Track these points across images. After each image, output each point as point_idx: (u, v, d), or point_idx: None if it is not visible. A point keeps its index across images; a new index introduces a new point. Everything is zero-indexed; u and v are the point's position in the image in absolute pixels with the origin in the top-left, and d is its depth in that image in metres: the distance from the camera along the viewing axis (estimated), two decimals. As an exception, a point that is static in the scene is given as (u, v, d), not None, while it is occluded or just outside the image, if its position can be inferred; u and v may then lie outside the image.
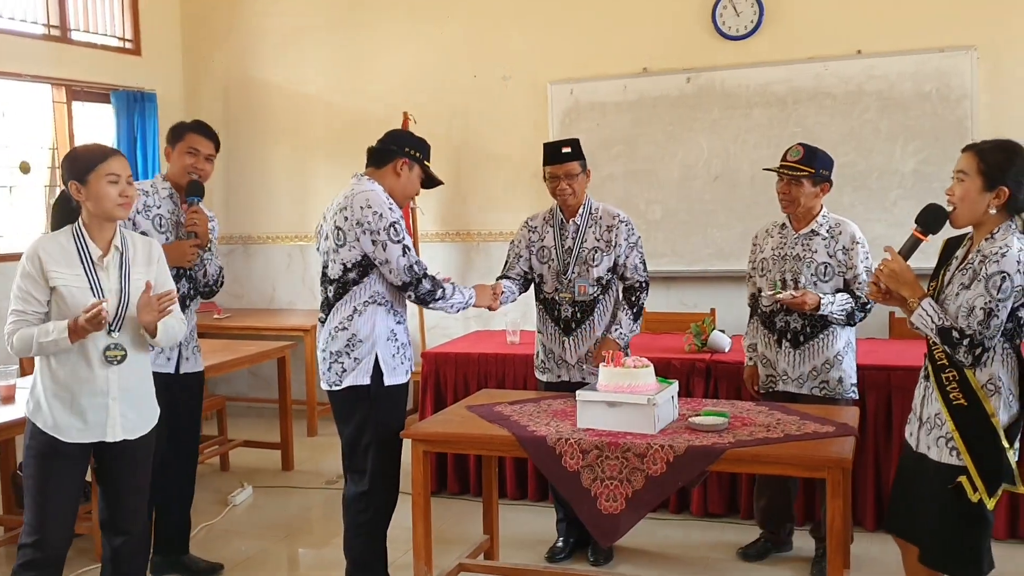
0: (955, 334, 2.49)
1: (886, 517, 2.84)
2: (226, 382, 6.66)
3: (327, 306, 3.35)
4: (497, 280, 3.84)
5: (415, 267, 3.24)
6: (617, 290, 3.82)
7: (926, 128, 5.14)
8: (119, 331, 2.86)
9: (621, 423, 3.07)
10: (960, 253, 2.65)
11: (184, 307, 3.69)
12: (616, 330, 3.72)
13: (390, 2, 6.28)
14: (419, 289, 3.28)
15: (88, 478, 4.12)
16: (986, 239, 2.55)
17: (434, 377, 4.73)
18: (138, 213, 3.56)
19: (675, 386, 3.27)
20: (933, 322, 2.52)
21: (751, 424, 3.12)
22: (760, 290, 3.70)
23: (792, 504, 3.87)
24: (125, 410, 2.92)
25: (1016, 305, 2.49)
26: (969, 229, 2.64)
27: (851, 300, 3.54)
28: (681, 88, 5.63)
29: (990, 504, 2.51)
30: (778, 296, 3.52)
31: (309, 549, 4.34)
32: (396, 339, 3.32)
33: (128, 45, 6.47)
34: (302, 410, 6.08)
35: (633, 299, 3.76)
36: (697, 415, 3.17)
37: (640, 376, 3.11)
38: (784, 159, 3.60)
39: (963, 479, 2.51)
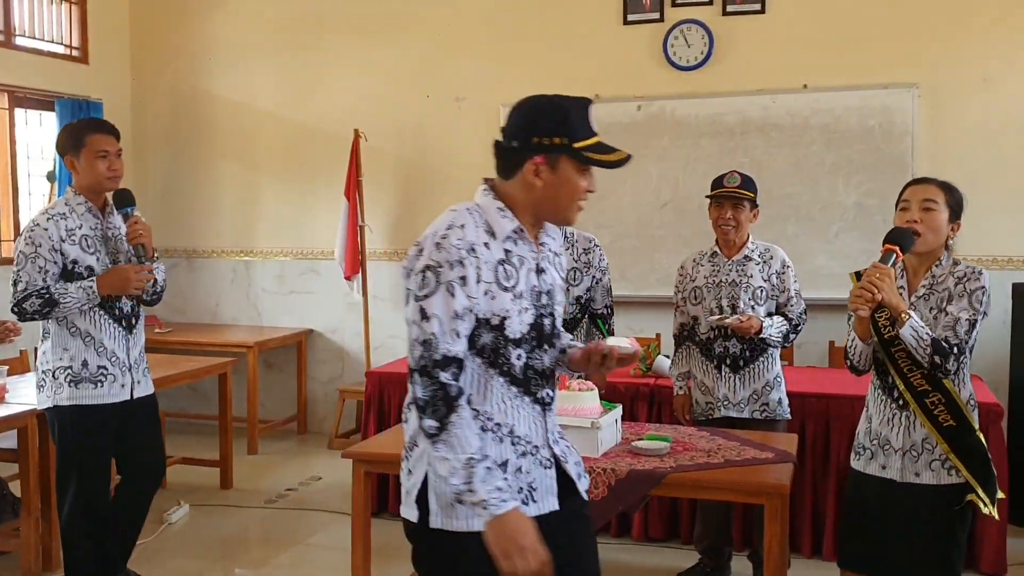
0: (945, 345, 2.59)
1: (844, 552, 2.85)
2: (166, 397, 6.48)
3: None
4: None
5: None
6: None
7: (869, 162, 5.26)
8: None
9: (564, 446, 3.06)
10: (903, 283, 2.75)
11: (131, 327, 3.47)
12: None
13: (343, 21, 6.27)
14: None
15: (17, 494, 4.03)
16: (936, 265, 2.72)
17: (377, 397, 4.69)
18: (63, 241, 3.28)
19: (619, 410, 3.29)
20: (927, 333, 2.58)
21: (692, 449, 3.14)
22: (695, 318, 3.75)
23: (731, 529, 3.90)
24: None
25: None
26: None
27: (785, 322, 3.65)
28: (632, 116, 5.70)
29: (995, 512, 2.65)
30: (726, 321, 3.57)
31: (246, 569, 4.25)
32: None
33: (75, 53, 6.36)
34: (243, 427, 5.98)
35: (606, 327, 3.90)
36: (640, 439, 3.19)
37: (584, 399, 3.12)
38: (723, 186, 3.66)
39: (972, 496, 2.63)
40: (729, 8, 5.53)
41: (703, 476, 2.90)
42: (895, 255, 2.62)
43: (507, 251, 2.00)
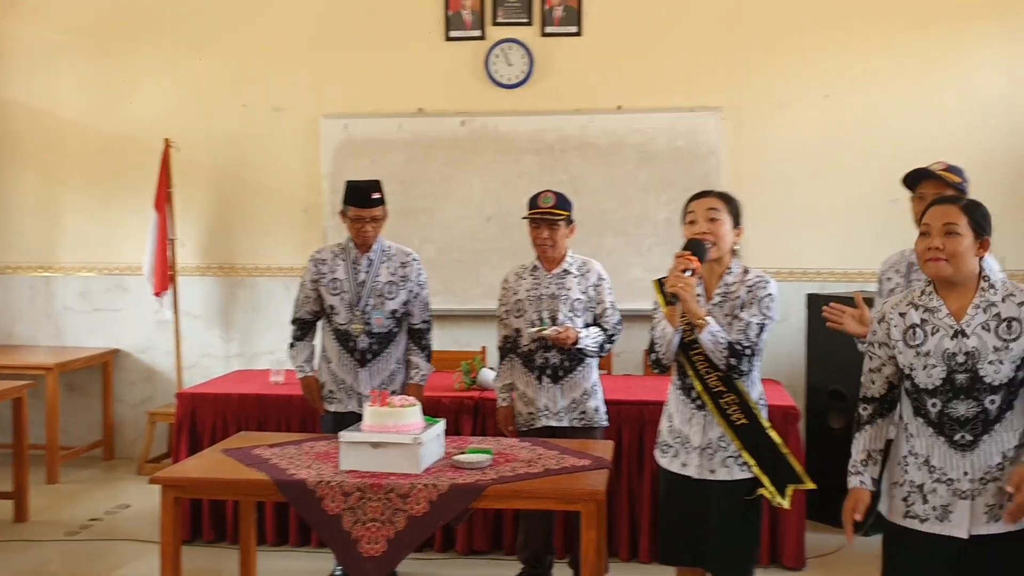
0: (739, 347, 2.78)
1: (665, 550, 2.97)
2: (-49, 426, 5.97)
3: None
4: (292, 322, 4.06)
5: None
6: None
7: (678, 180, 5.52)
8: None
9: (385, 463, 3.03)
10: (701, 290, 2.89)
11: None
12: (417, 374, 4.00)
13: (154, 25, 5.98)
14: None
15: None
16: (728, 272, 2.89)
17: (189, 419, 4.47)
18: None
19: (442, 424, 3.28)
20: (724, 337, 2.77)
21: (514, 460, 3.18)
22: (518, 331, 3.82)
23: (552, 537, 3.97)
24: None
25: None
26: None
27: (601, 332, 3.77)
28: (455, 131, 5.74)
29: (786, 504, 2.83)
30: (544, 333, 3.65)
31: (42, 610, 3.95)
32: None
33: None
34: (42, 455, 5.56)
35: (424, 342, 4.04)
36: (462, 453, 3.19)
37: (406, 415, 3.10)
38: (538, 206, 3.75)
39: (763, 490, 2.81)
40: (547, 30, 5.68)
41: (523, 486, 2.94)
42: (695, 265, 2.75)
43: None
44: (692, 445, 2.87)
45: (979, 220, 2.38)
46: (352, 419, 3.68)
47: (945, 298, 2.41)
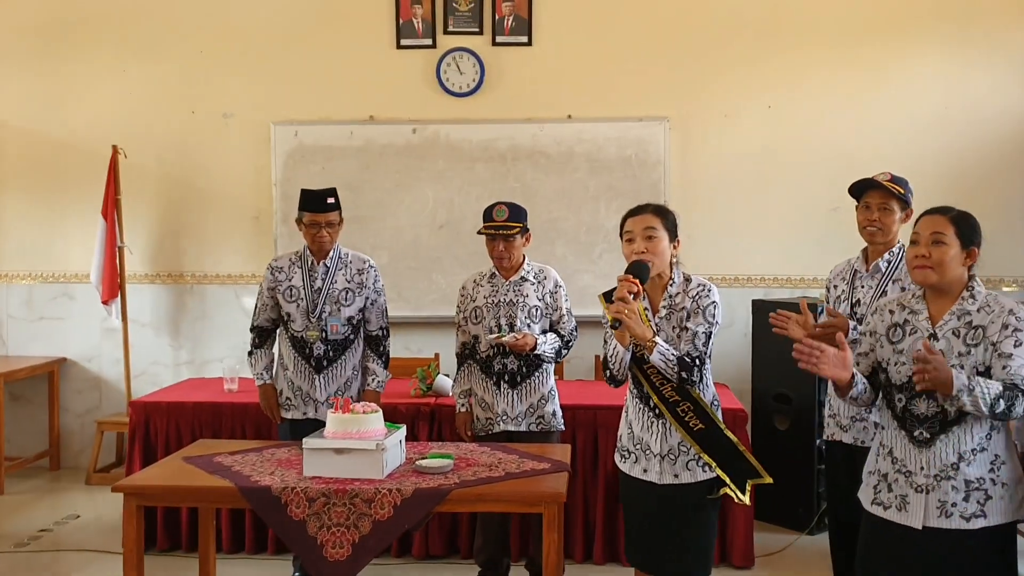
0: (688, 359, 2.86)
1: (634, 553, 3.05)
2: None
3: None
4: (251, 330, 4.07)
5: None
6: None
7: (627, 189, 5.64)
8: None
9: (349, 469, 3.07)
10: (647, 303, 2.97)
11: None
12: (375, 380, 4.04)
13: (100, 31, 5.90)
14: None
15: None
16: (671, 284, 2.97)
17: (143, 428, 4.44)
18: None
19: (402, 430, 3.33)
20: (673, 354, 2.84)
21: (475, 464, 3.24)
22: (476, 337, 3.89)
23: (509, 540, 4.03)
24: None
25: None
26: None
27: (558, 339, 3.87)
28: (407, 138, 5.78)
29: (746, 500, 2.94)
30: (503, 339, 3.72)
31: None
32: None
33: None
34: (-15, 467, 5.46)
35: (381, 348, 4.08)
36: (423, 458, 3.24)
37: (368, 422, 3.14)
38: (493, 220, 3.82)
39: (726, 489, 2.91)
40: (498, 39, 5.76)
41: (485, 490, 3.00)
42: (637, 289, 2.79)
43: None
44: (652, 452, 2.95)
45: (967, 231, 2.53)
46: (309, 426, 3.71)
47: (929, 303, 2.58)
